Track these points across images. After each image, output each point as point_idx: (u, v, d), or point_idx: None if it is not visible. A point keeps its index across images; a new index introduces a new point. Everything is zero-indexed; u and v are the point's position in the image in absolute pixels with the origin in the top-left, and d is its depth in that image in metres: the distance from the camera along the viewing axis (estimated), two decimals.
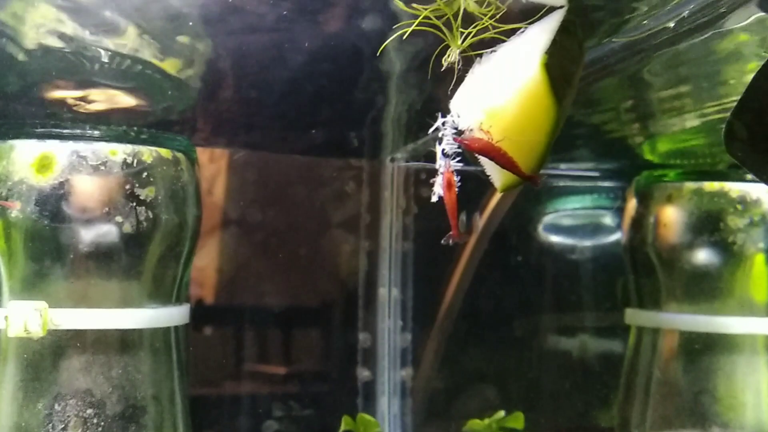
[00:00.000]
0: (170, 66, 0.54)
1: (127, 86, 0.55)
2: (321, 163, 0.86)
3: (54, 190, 0.54)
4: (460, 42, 0.40)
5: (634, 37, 0.45)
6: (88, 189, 0.54)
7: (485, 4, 0.40)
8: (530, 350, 0.89)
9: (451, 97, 0.44)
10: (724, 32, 0.44)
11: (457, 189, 0.42)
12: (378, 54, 0.47)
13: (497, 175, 0.43)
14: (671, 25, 0.42)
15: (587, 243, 0.89)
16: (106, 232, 0.55)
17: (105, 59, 0.50)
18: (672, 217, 0.67)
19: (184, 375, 0.61)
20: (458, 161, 0.42)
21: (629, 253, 0.72)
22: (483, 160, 0.42)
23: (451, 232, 0.42)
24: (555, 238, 0.89)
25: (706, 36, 0.44)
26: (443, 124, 0.41)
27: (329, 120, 0.72)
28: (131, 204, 0.55)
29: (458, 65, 0.41)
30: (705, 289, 0.66)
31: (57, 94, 0.55)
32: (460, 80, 0.41)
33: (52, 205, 0.54)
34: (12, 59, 0.49)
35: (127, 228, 0.55)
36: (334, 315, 0.88)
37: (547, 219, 0.89)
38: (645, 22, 0.43)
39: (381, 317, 0.85)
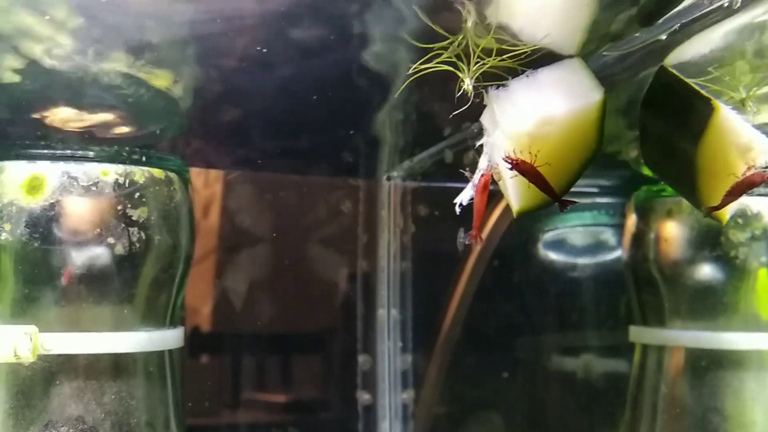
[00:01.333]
0: (163, 87, 0.53)
1: (119, 106, 0.54)
2: (316, 183, 0.85)
3: (44, 212, 0.53)
4: (472, 71, 0.42)
5: (626, 50, 0.45)
6: (79, 210, 0.53)
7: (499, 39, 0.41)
8: (533, 370, 0.87)
9: (456, 117, 0.45)
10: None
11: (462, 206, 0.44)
12: (403, 84, 0.48)
13: (518, 198, 0.44)
14: (663, 37, 0.42)
15: (588, 260, 0.88)
16: (98, 254, 0.54)
17: (96, 79, 0.50)
18: (672, 232, 0.66)
19: (180, 400, 0.60)
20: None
21: (631, 270, 0.71)
22: (511, 181, 0.44)
23: (470, 232, 0.44)
24: (555, 256, 0.88)
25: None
26: (486, 142, 0.44)
27: (325, 138, 0.72)
28: (123, 225, 0.54)
29: (470, 94, 0.43)
30: (709, 305, 0.65)
31: (47, 114, 0.54)
32: (475, 107, 0.43)
33: (43, 227, 0.53)
34: (0, 80, 0.49)
35: (120, 250, 0.54)
36: (331, 337, 0.86)
37: (547, 237, 0.88)
38: (637, 34, 0.43)
39: (380, 339, 0.83)
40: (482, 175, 0.43)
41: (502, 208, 0.86)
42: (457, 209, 0.44)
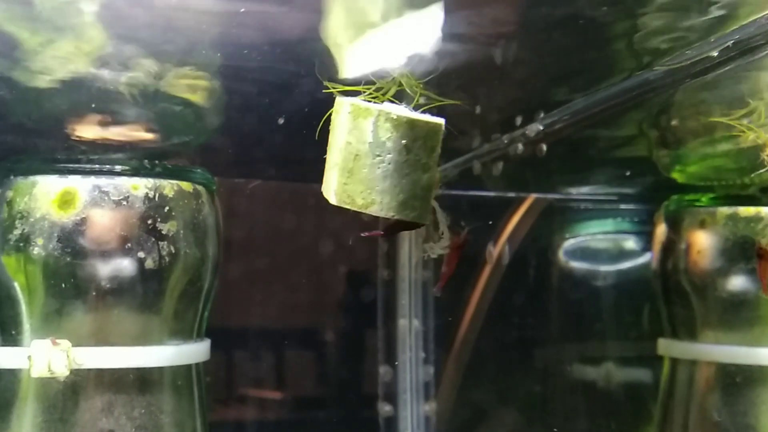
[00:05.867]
0: (193, 98, 0.53)
1: (149, 119, 0.54)
2: None
3: (76, 226, 0.53)
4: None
5: (674, 66, 0.44)
6: (110, 224, 0.53)
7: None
8: (554, 380, 0.87)
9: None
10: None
11: None
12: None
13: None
14: (714, 54, 0.41)
15: (609, 268, 0.87)
16: (129, 268, 0.54)
17: (127, 92, 0.49)
18: (706, 243, 0.65)
19: (206, 413, 0.59)
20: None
21: (660, 281, 0.69)
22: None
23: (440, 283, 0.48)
24: (576, 264, 0.87)
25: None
26: None
27: None
28: (153, 239, 0.54)
29: None
30: (742, 317, 0.64)
31: (79, 128, 0.54)
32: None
33: (75, 241, 0.53)
34: (35, 94, 0.48)
35: (150, 264, 0.54)
36: (352, 347, 0.86)
37: (567, 244, 0.88)
38: (688, 51, 0.43)
39: (401, 349, 0.83)
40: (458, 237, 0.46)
41: (521, 215, 0.85)
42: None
